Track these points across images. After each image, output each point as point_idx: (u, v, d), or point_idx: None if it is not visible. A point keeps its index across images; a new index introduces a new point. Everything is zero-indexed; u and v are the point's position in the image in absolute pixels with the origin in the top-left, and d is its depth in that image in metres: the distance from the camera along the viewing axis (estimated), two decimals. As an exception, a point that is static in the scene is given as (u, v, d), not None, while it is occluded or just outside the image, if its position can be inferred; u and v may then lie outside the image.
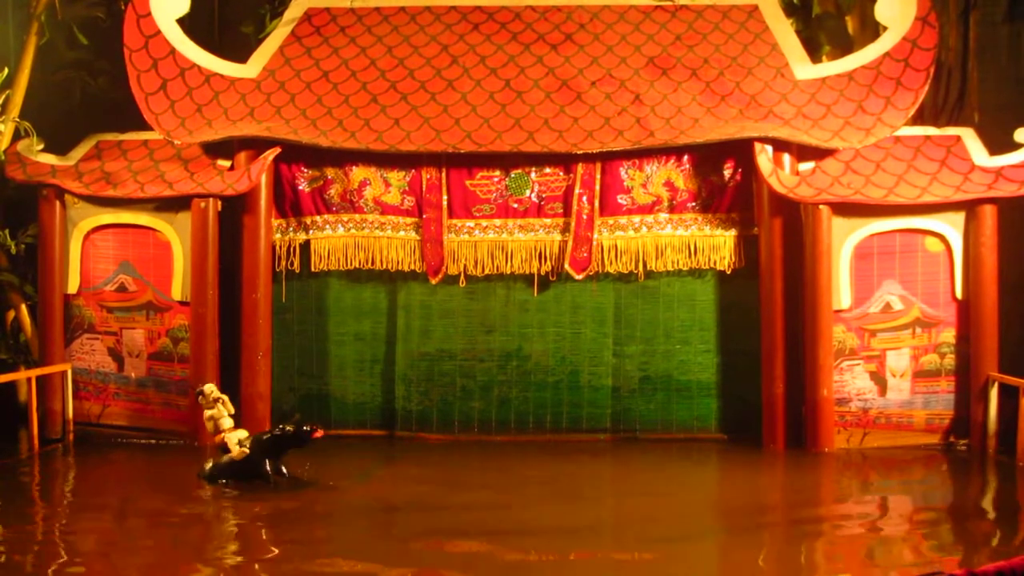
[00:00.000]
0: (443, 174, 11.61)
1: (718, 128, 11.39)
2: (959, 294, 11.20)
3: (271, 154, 11.36)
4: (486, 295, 11.84)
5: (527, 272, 11.69)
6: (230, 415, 9.96)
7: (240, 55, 12.38)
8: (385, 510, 9.18)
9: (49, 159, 11.87)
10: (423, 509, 9.12)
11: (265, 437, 9.70)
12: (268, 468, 9.61)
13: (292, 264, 11.78)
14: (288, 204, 11.74)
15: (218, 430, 9.89)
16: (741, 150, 11.35)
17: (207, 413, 9.99)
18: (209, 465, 9.86)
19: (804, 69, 11.95)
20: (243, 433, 9.91)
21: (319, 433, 9.59)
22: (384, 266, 11.71)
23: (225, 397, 10.04)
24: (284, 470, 9.69)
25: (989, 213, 11.05)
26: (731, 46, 12.21)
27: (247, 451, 9.67)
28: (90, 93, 13.51)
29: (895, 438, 11.25)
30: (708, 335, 11.78)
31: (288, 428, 9.57)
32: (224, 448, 9.82)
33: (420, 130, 11.55)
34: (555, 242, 11.63)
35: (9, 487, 9.98)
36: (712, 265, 11.61)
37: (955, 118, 12.87)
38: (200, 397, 10.07)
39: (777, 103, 11.67)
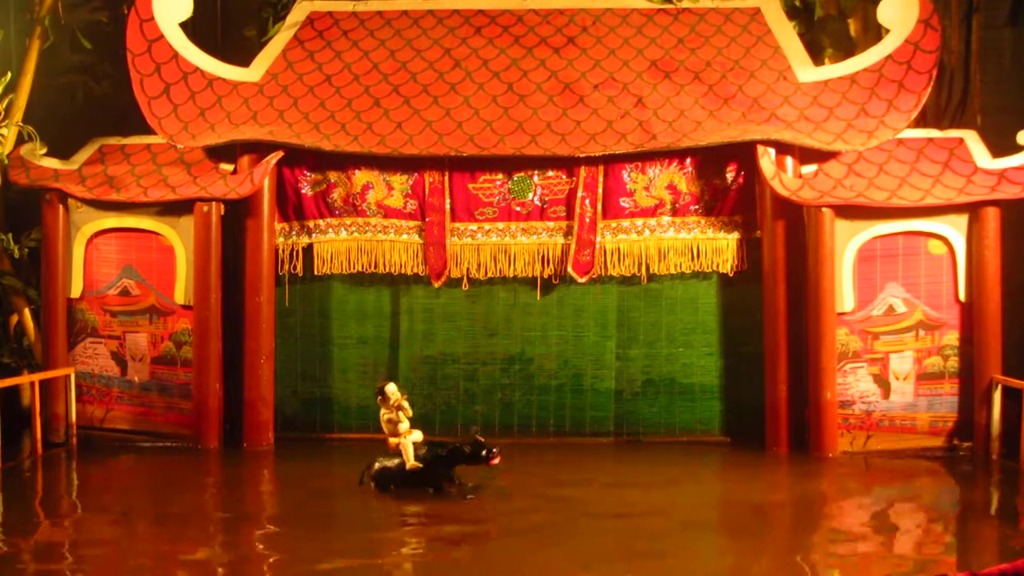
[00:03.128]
0: (446, 177, 11.61)
1: (720, 131, 11.39)
2: (962, 296, 11.18)
3: (274, 158, 11.36)
4: (489, 298, 11.84)
5: (530, 275, 11.69)
6: (408, 418, 9.61)
7: (243, 59, 12.40)
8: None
9: (52, 163, 11.89)
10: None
11: (442, 453, 9.48)
12: (438, 479, 9.47)
13: (295, 268, 11.78)
14: (291, 208, 11.75)
15: (395, 433, 9.58)
16: (744, 153, 11.35)
17: (385, 415, 9.63)
18: (377, 466, 9.60)
19: (806, 72, 11.95)
20: (418, 436, 9.59)
21: (496, 460, 9.34)
22: (387, 269, 11.72)
23: (405, 403, 9.60)
24: (455, 480, 9.56)
25: (992, 215, 11.04)
26: (733, 49, 12.21)
27: (420, 465, 9.46)
28: (93, 97, 13.55)
29: (899, 441, 11.23)
30: (711, 338, 11.77)
31: (466, 448, 9.38)
32: (397, 452, 9.56)
33: (423, 133, 11.56)
34: (558, 245, 11.62)
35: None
36: (715, 268, 11.60)
37: (958, 121, 12.87)
38: (380, 398, 9.66)
39: (779, 106, 11.67)
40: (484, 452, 9.32)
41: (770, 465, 10.94)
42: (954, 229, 11.15)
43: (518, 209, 11.64)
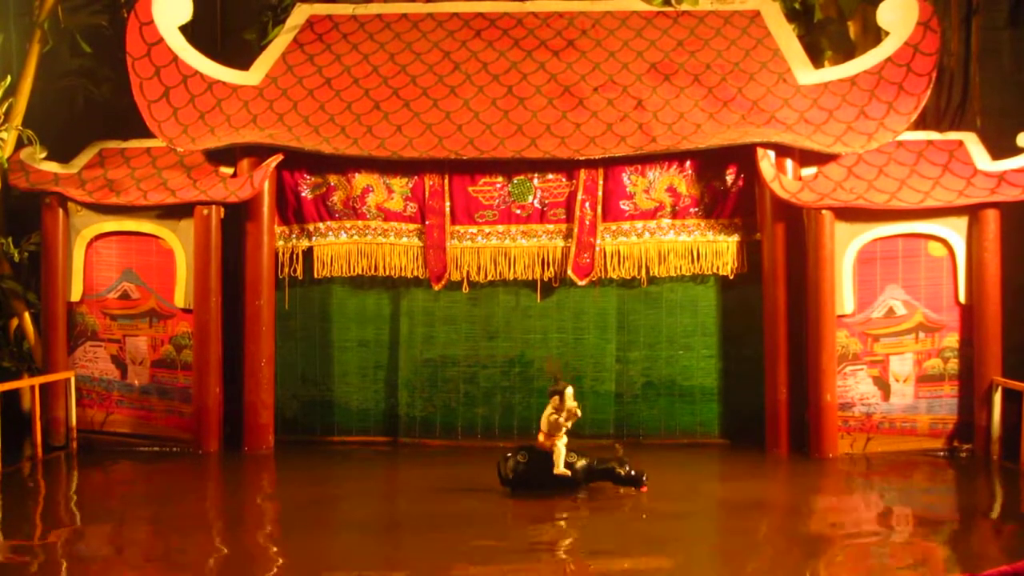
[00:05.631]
0: (446, 180, 11.61)
1: (720, 133, 11.39)
2: (962, 298, 11.18)
3: (274, 161, 11.37)
4: (489, 301, 11.84)
5: (530, 278, 11.69)
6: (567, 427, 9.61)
7: (242, 62, 12.40)
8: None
9: (52, 167, 11.89)
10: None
11: (598, 467, 9.54)
12: (577, 487, 9.56)
13: (295, 271, 11.78)
14: (291, 211, 11.75)
15: (552, 434, 9.53)
16: (743, 155, 11.35)
17: (551, 415, 9.54)
18: (512, 464, 9.57)
19: (806, 74, 11.96)
20: (564, 441, 9.57)
21: (645, 489, 9.47)
22: (387, 272, 11.72)
23: (579, 411, 9.57)
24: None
25: (992, 217, 11.04)
26: (733, 51, 12.22)
27: (568, 473, 9.49)
28: (93, 101, 13.56)
29: (899, 443, 11.23)
30: (711, 340, 11.77)
31: (620, 471, 9.48)
32: (544, 451, 9.55)
33: (422, 136, 11.56)
34: (558, 248, 11.63)
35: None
36: (715, 270, 11.61)
37: (957, 123, 12.88)
38: (557, 397, 9.52)
39: (779, 108, 11.67)
40: (641, 479, 9.48)
41: (770, 467, 10.94)
42: (954, 231, 11.16)
43: (518, 212, 11.64)
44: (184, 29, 12.24)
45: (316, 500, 9.64)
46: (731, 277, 11.61)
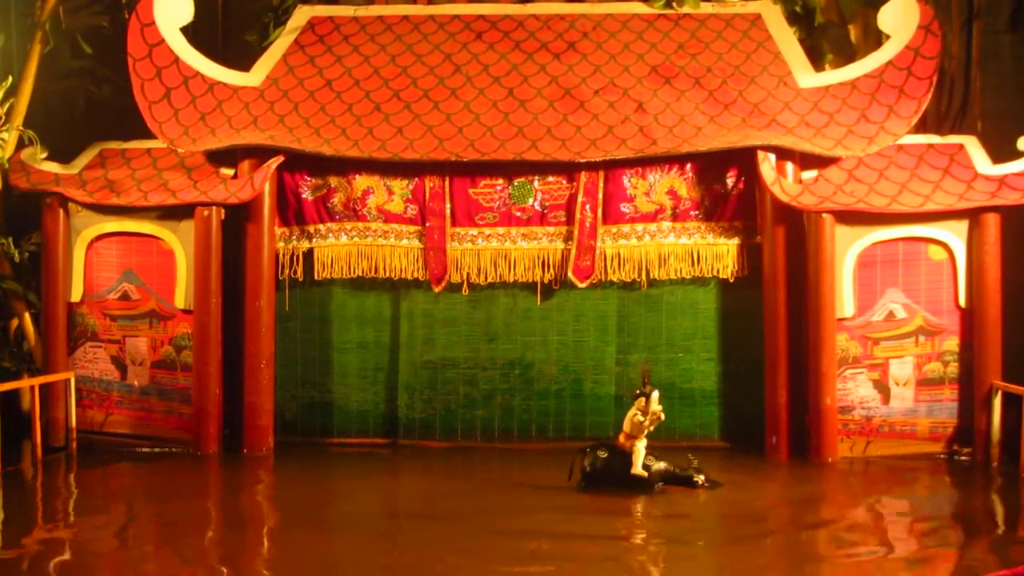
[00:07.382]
0: (446, 182, 11.61)
1: (721, 137, 11.40)
2: (962, 302, 11.19)
3: (274, 163, 11.37)
4: (489, 303, 11.84)
5: (530, 280, 11.69)
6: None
7: (244, 64, 12.41)
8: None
9: (53, 167, 11.90)
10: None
11: (676, 472, 9.81)
12: (649, 487, 9.74)
13: (295, 272, 11.78)
14: (291, 212, 11.75)
15: (632, 436, 9.70)
16: (744, 159, 11.35)
17: (636, 416, 9.69)
18: (592, 459, 9.75)
19: (807, 78, 11.96)
20: (643, 443, 9.77)
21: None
22: (387, 274, 11.72)
23: (663, 415, 9.75)
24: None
25: (992, 221, 11.05)
26: (734, 55, 12.22)
27: (645, 475, 9.68)
28: (94, 101, 13.56)
29: (898, 447, 11.23)
30: (711, 343, 11.77)
31: (697, 479, 9.80)
32: (622, 450, 9.72)
33: (423, 138, 11.56)
34: (558, 250, 11.63)
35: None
36: (715, 273, 11.61)
37: (958, 126, 12.88)
38: (643, 400, 9.67)
39: (780, 112, 11.68)
40: (716, 487, 9.86)
41: (770, 471, 10.93)
42: (954, 235, 11.16)
43: (518, 214, 11.65)
44: (185, 30, 12.26)
45: (315, 501, 9.65)
46: (731, 280, 11.61)
